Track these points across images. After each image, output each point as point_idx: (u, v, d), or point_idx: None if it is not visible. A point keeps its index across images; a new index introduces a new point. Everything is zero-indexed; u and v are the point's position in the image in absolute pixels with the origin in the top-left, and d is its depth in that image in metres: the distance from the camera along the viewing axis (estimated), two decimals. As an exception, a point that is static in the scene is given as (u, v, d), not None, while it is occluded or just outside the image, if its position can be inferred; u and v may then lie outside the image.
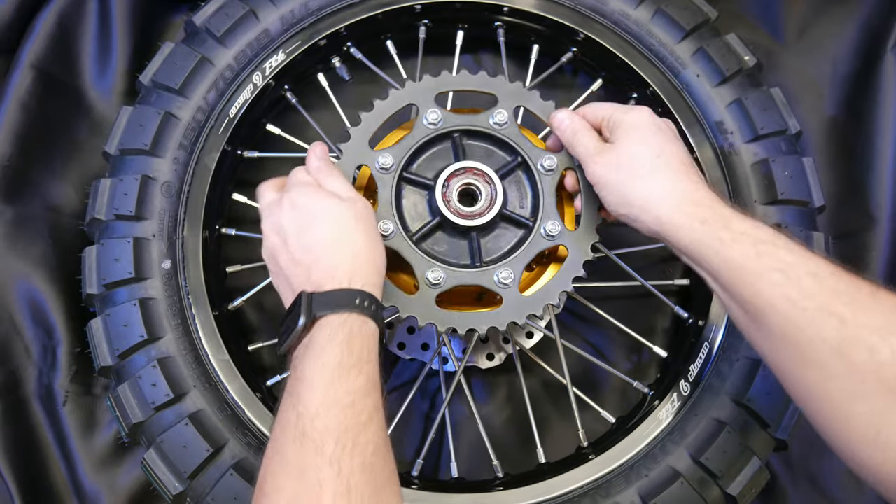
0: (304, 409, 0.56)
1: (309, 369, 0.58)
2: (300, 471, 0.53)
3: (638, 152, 0.66)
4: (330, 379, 0.57)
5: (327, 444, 0.53)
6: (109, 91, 1.00)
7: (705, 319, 0.83)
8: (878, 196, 0.97)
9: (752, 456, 0.77)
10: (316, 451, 0.53)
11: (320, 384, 0.57)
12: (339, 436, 0.54)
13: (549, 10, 0.91)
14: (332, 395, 0.56)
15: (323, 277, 0.62)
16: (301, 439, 0.54)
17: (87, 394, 0.92)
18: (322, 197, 0.66)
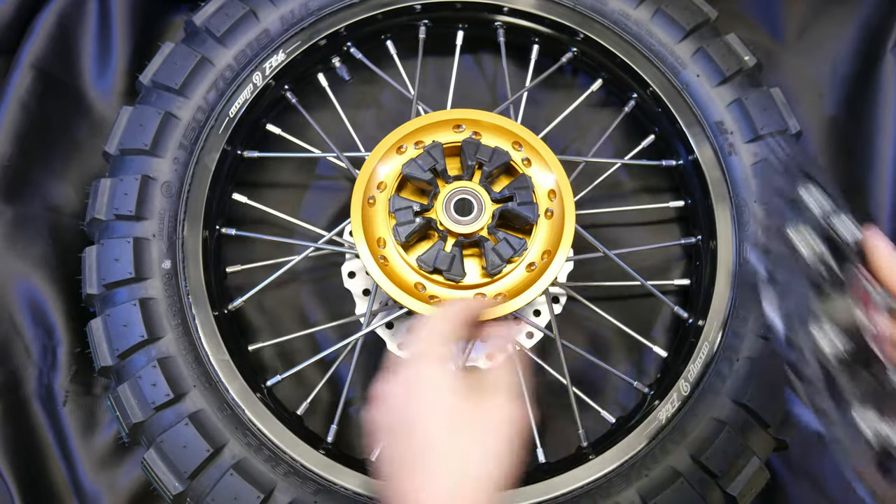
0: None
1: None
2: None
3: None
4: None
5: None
6: (109, 91, 1.00)
7: (705, 319, 0.83)
8: (878, 196, 0.97)
9: (752, 456, 0.78)
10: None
11: None
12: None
13: (549, 10, 0.91)
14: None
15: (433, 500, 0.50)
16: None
17: (87, 394, 0.92)
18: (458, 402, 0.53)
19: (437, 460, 0.51)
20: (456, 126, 0.82)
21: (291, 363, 0.89)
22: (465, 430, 0.53)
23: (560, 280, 0.94)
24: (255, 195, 0.94)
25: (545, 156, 0.80)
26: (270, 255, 0.93)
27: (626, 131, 1.01)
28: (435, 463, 0.51)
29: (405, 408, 0.54)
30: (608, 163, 0.96)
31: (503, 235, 0.77)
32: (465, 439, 0.52)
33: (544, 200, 0.80)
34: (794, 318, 0.55)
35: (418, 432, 0.52)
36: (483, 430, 0.53)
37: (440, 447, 0.52)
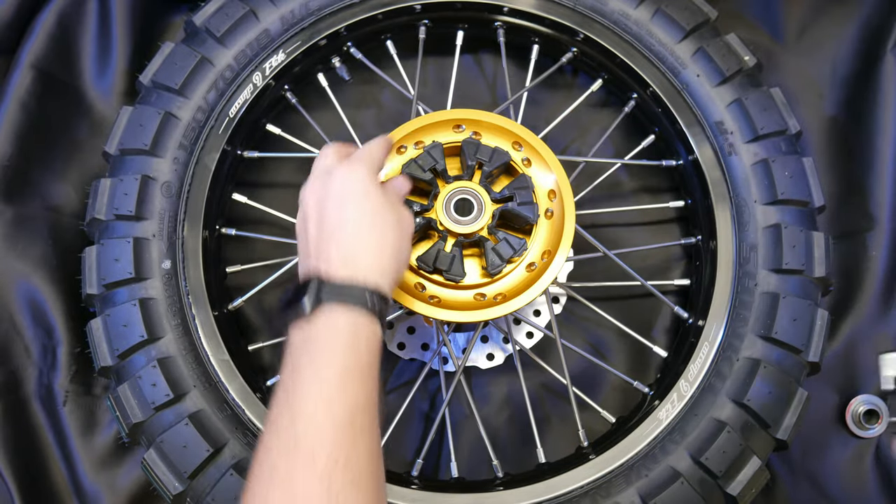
0: (299, 413, 0.53)
1: (308, 367, 0.55)
2: (289, 481, 0.51)
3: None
4: (329, 387, 0.54)
5: (319, 458, 0.52)
6: (109, 91, 1.00)
7: (705, 319, 0.83)
8: (878, 196, 0.97)
9: (752, 456, 0.78)
10: (306, 463, 0.52)
11: (318, 392, 0.54)
12: (332, 450, 0.52)
13: (549, 10, 0.91)
14: (329, 408, 0.54)
15: (341, 264, 0.60)
16: (292, 449, 0.52)
17: (87, 394, 0.92)
18: (375, 185, 0.64)
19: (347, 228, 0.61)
20: (456, 126, 0.82)
21: (291, 363, 0.89)
22: (379, 212, 0.63)
23: (560, 280, 0.94)
24: (255, 195, 0.94)
25: (545, 156, 0.80)
26: (270, 255, 0.93)
27: (626, 131, 1.01)
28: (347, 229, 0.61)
29: (330, 192, 0.64)
30: (608, 163, 0.96)
31: (503, 235, 0.77)
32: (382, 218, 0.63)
33: (544, 200, 0.80)
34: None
35: (350, 213, 0.62)
36: (394, 221, 0.64)
37: (350, 216, 0.62)
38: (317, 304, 0.57)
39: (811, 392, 0.81)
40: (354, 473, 0.53)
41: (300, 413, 0.54)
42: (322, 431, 0.53)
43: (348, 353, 0.56)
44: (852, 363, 0.96)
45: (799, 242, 0.82)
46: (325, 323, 0.57)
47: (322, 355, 0.56)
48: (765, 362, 0.79)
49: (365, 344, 0.57)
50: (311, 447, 0.52)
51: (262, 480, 0.53)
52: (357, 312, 0.58)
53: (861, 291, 0.96)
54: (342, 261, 0.60)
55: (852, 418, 0.94)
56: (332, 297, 0.57)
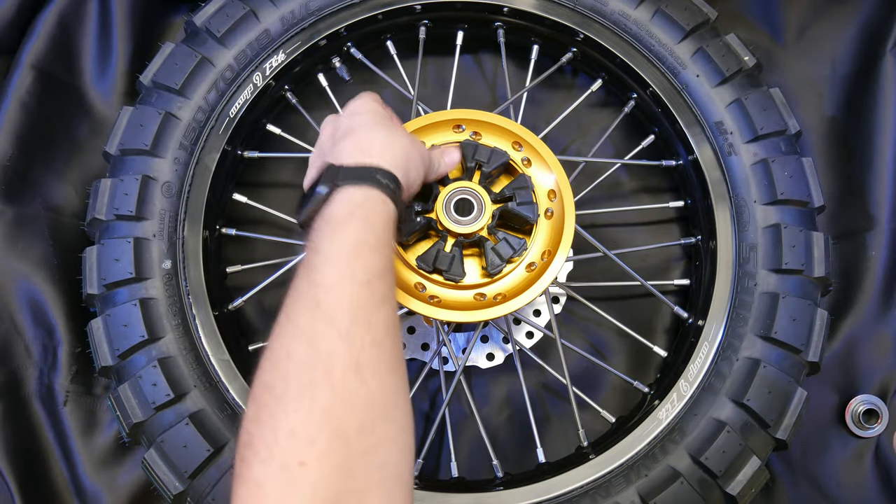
0: (320, 279, 0.54)
1: (327, 242, 0.56)
2: (311, 339, 0.51)
3: None
4: (348, 254, 0.55)
5: (341, 318, 0.52)
6: (110, 91, 1.00)
7: (705, 319, 0.83)
8: (878, 196, 0.98)
9: (752, 456, 0.78)
10: (328, 322, 0.52)
11: (337, 258, 0.55)
12: (353, 311, 0.52)
13: (549, 11, 0.91)
14: (348, 270, 0.54)
15: (355, 152, 0.62)
16: (314, 309, 0.52)
17: (88, 394, 0.92)
18: (387, 114, 0.68)
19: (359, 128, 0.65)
20: (456, 126, 0.82)
21: (291, 363, 0.89)
22: (392, 120, 0.68)
23: (560, 280, 0.94)
24: (255, 195, 0.94)
25: (545, 156, 0.80)
26: (270, 255, 0.93)
27: (626, 131, 1.01)
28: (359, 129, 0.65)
29: (346, 111, 0.68)
30: (608, 163, 0.96)
31: (503, 235, 0.77)
32: (394, 125, 0.67)
33: (544, 200, 0.80)
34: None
35: (362, 119, 0.66)
36: (406, 135, 0.68)
37: (361, 122, 0.65)
38: (332, 188, 0.59)
39: (811, 392, 0.81)
40: (375, 335, 0.53)
41: (320, 278, 0.54)
42: (342, 293, 0.53)
43: (364, 225, 0.57)
44: (852, 363, 0.96)
45: (798, 242, 0.82)
46: (339, 200, 0.58)
47: (339, 228, 0.57)
48: (764, 362, 0.79)
49: (379, 217, 0.58)
50: (333, 307, 0.52)
51: (285, 336, 0.53)
52: (370, 189, 0.59)
53: (861, 291, 0.97)
54: (356, 150, 0.62)
55: (852, 418, 0.94)
56: (346, 179, 0.59)
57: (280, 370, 0.51)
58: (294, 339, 0.52)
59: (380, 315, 0.54)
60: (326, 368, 0.50)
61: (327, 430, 0.48)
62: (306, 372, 0.50)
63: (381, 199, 0.59)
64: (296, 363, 0.50)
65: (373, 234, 0.57)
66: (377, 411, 0.51)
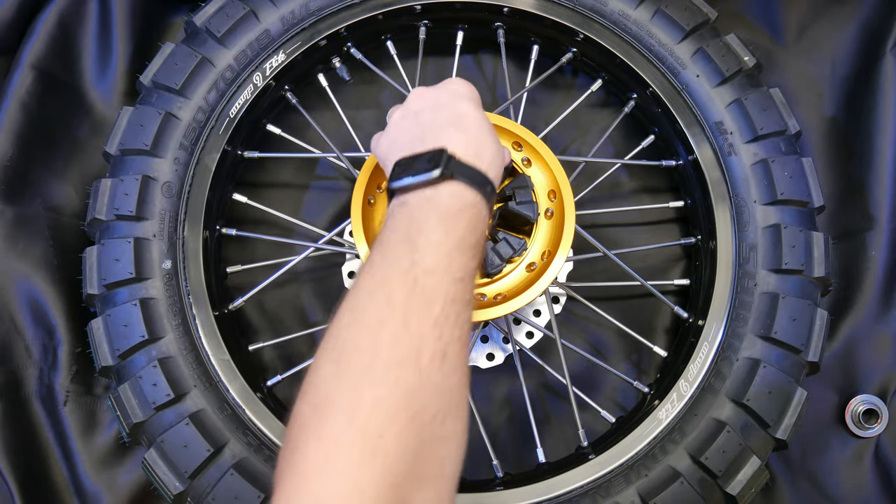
0: (420, 259, 0.53)
1: (432, 225, 0.55)
2: (406, 316, 0.50)
3: None
4: (451, 248, 0.55)
5: (436, 305, 0.51)
6: (110, 91, 1.00)
7: (705, 319, 0.83)
8: (878, 196, 0.98)
9: (752, 456, 0.78)
10: (425, 304, 0.51)
11: (441, 246, 0.54)
12: (446, 303, 0.52)
13: (549, 11, 0.91)
14: (449, 263, 0.54)
15: (469, 149, 0.61)
16: (412, 285, 0.52)
17: (88, 394, 0.92)
18: (464, 98, 0.66)
19: (471, 123, 0.64)
20: (456, 126, 0.82)
21: (291, 363, 0.89)
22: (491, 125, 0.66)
23: (560, 280, 0.94)
24: (256, 195, 0.94)
25: (545, 156, 0.80)
26: (270, 255, 0.93)
27: (626, 131, 1.01)
28: (471, 124, 0.64)
29: (444, 91, 0.67)
30: (608, 163, 0.96)
31: (503, 235, 0.77)
32: (493, 130, 0.66)
33: (544, 200, 0.80)
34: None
35: (469, 109, 0.65)
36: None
37: (473, 115, 0.64)
38: (445, 175, 0.58)
39: (811, 392, 0.81)
40: (461, 332, 0.53)
41: (421, 258, 0.53)
42: (441, 282, 0.53)
43: (469, 226, 0.57)
44: (852, 363, 0.96)
45: (798, 242, 0.82)
46: (453, 193, 0.58)
47: (449, 220, 0.56)
48: (764, 362, 0.79)
49: (480, 224, 0.59)
50: (431, 292, 0.52)
51: (378, 303, 0.51)
52: (479, 195, 0.59)
53: (861, 291, 0.97)
54: (469, 146, 0.61)
55: (852, 418, 0.94)
56: (460, 173, 0.58)
57: (369, 335, 0.50)
58: (388, 310, 0.51)
59: (465, 314, 0.54)
60: (417, 350, 0.49)
61: (408, 411, 0.48)
62: (397, 347, 0.49)
63: (484, 208, 0.60)
64: (388, 335, 0.50)
65: (473, 237, 0.57)
66: (452, 405, 0.51)
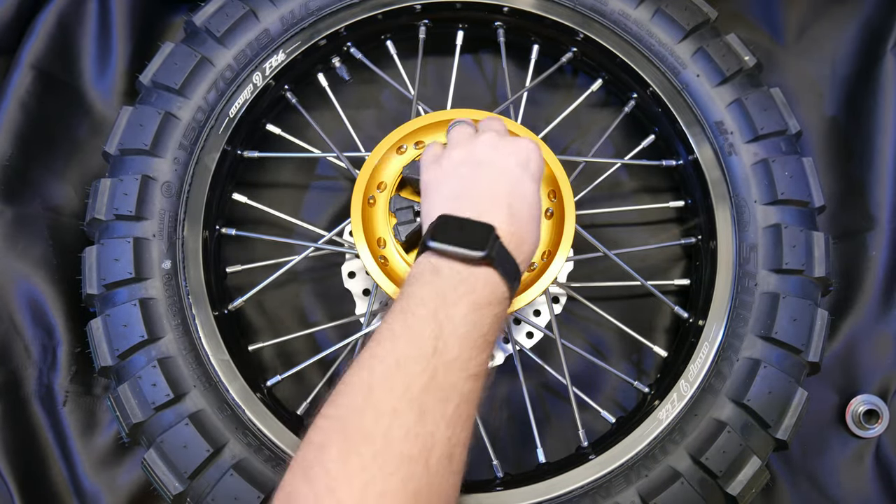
0: (443, 347, 0.52)
1: (462, 314, 0.54)
2: (422, 410, 0.49)
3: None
4: (474, 341, 0.54)
5: (451, 402, 0.51)
6: (109, 91, 1.00)
7: (705, 319, 0.83)
8: (878, 196, 0.97)
9: (752, 456, 0.78)
10: (441, 401, 0.50)
11: (466, 339, 0.53)
12: (461, 401, 0.51)
13: (549, 10, 0.91)
14: (469, 358, 0.53)
15: (509, 231, 0.59)
16: (431, 379, 0.51)
17: (88, 394, 0.92)
18: (530, 174, 0.65)
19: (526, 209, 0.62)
20: (456, 126, 0.82)
21: (291, 363, 0.89)
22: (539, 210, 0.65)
23: (560, 280, 0.94)
24: (255, 195, 0.94)
25: (545, 156, 0.80)
26: (270, 255, 0.93)
27: (626, 131, 1.01)
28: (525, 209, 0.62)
29: (512, 151, 0.65)
30: (608, 163, 0.96)
31: None
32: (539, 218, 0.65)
33: (544, 200, 0.80)
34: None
35: (517, 179, 0.63)
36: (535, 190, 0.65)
37: (530, 198, 0.64)
38: (487, 258, 0.56)
39: (811, 392, 0.81)
40: (467, 434, 0.52)
41: (444, 347, 0.52)
42: (458, 378, 0.52)
43: (494, 321, 0.56)
44: (852, 363, 0.96)
45: (799, 242, 0.82)
46: (486, 280, 0.56)
47: (478, 311, 0.55)
48: (765, 362, 0.79)
49: (502, 319, 0.58)
50: (448, 388, 0.51)
51: (395, 388, 0.50)
52: (508, 289, 0.58)
53: (861, 291, 0.97)
54: (515, 234, 0.60)
55: (852, 418, 0.94)
56: (500, 262, 0.57)
57: (383, 426, 0.48)
58: (405, 400, 0.50)
59: (473, 413, 0.53)
60: (426, 449, 0.48)
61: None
62: (410, 443, 0.48)
63: (508, 303, 0.59)
64: (401, 427, 0.48)
65: (493, 332, 0.56)
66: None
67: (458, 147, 0.67)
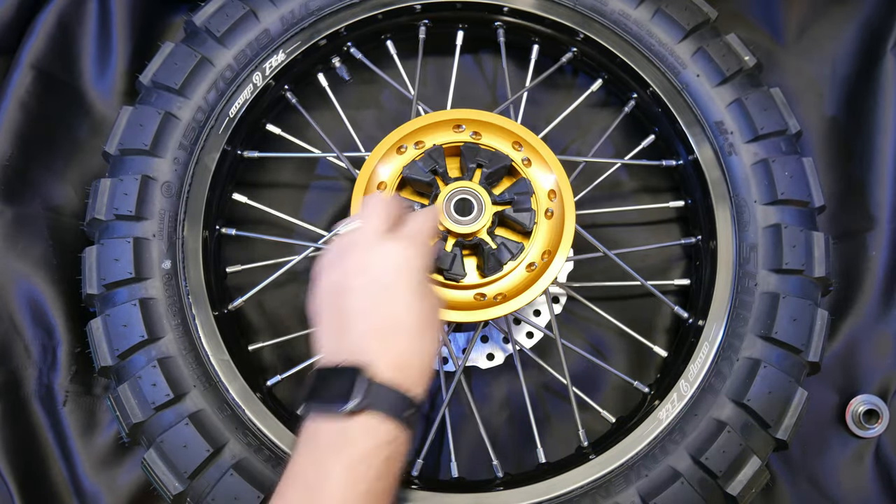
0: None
1: (336, 479, 0.52)
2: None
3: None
4: (354, 500, 0.52)
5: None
6: (109, 91, 1.00)
7: (705, 319, 0.83)
8: (878, 196, 0.97)
9: (752, 456, 0.78)
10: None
11: (344, 501, 0.51)
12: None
13: (549, 10, 0.91)
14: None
15: (391, 366, 0.55)
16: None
17: (87, 394, 0.92)
18: (427, 278, 0.60)
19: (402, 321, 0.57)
20: (456, 126, 0.82)
21: (291, 363, 0.89)
22: (430, 315, 0.59)
23: (560, 280, 0.94)
24: (255, 195, 0.94)
25: (545, 156, 0.80)
26: (270, 255, 0.93)
27: (626, 131, 1.01)
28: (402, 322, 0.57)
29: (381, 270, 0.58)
30: (608, 163, 0.96)
31: (501, 240, 0.77)
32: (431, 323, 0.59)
33: (544, 200, 0.80)
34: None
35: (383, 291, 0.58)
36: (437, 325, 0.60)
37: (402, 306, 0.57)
38: (360, 407, 0.53)
39: (811, 392, 0.81)
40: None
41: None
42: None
43: (382, 468, 0.53)
44: (852, 363, 0.96)
45: (799, 242, 0.82)
46: (365, 429, 0.54)
47: (355, 467, 0.53)
48: (765, 362, 0.79)
49: (396, 463, 0.55)
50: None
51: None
52: (401, 430, 0.55)
53: (861, 291, 0.96)
54: (393, 365, 0.55)
55: (852, 418, 0.94)
56: (378, 404, 0.54)
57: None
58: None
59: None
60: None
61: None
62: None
63: (404, 440, 0.55)
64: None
65: (384, 481, 0.54)
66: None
67: (328, 269, 0.61)
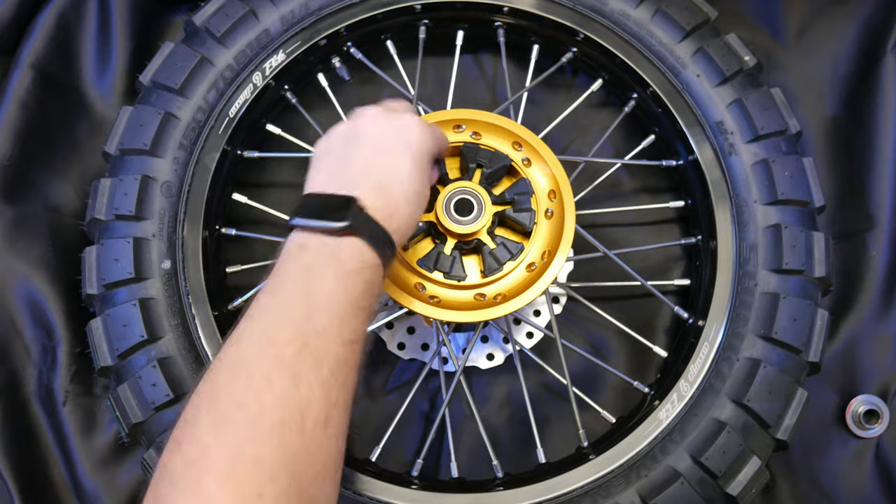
0: (313, 316, 0.53)
1: (329, 282, 0.55)
2: (295, 375, 0.50)
3: None
4: (345, 308, 0.55)
5: (324, 366, 0.52)
6: (109, 91, 1.00)
7: (705, 319, 0.83)
8: (878, 196, 0.97)
9: (752, 456, 0.78)
10: (315, 365, 0.51)
11: (335, 307, 0.54)
12: (336, 365, 0.52)
13: (549, 10, 0.91)
14: (340, 325, 0.54)
15: (382, 206, 0.60)
16: (302, 347, 0.52)
17: (87, 394, 0.92)
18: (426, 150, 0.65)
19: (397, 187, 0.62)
20: (456, 126, 0.82)
21: (291, 363, 0.89)
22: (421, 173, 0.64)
23: (560, 280, 0.94)
24: (255, 195, 0.94)
25: (545, 156, 0.80)
26: (270, 255, 0.93)
27: (626, 131, 1.01)
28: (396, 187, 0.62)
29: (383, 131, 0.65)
30: (608, 163, 0.96)
31: (501, 240, 0.77)
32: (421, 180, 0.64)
33: (544, 200, 0.80)
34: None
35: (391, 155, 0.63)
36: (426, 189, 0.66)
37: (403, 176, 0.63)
38: (350, 228, 0.57)
39: (811, 392, 0.81)
40: (347, 397, 0.53)
41: (314, 318, 0.53)
42: (330, 344, 0.53)
43: (365, 288, 0.57)
44: (852, 363, 0.96)
45: (799, 242, 0.82)
46: (353, 251, 0.57)
47: (346, 280, 0.56)
48: (765, 362, 0.79)
49: (376, 286, 0.59)
50: (321, 353, 0.52)
51: (267, 357, 0.51)
52: (379, 257, 0.59)
53: (861, 291, 0.96)
54: (383, 208, 0.60)
55: (852, 418, 0.94)
56: (365, 230, 0.58)
57: (255, 392, 0.49)
58: (277, 367, 0.51)
59: (352, 378, 0.55)
60: (301, 413, 0.49)
61: (288, 473, 0.48)
62: (283, 408, 0.49)
63: (381, 271, 0.60)
64: (274, 394, 0.49)
65: (367, 299, 0.57)
66: (329, 469, 0.51)
67: (344, 122, 0.68)
